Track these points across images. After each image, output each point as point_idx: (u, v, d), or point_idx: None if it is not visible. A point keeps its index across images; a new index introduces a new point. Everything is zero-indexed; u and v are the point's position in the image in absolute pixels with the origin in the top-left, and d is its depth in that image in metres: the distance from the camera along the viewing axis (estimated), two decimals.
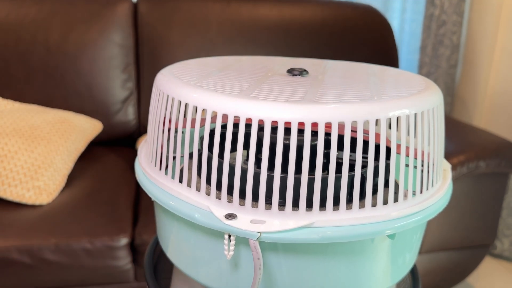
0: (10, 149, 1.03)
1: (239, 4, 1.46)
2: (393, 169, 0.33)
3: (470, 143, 1.22)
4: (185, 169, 0.35)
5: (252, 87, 0.36)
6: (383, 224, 0.33)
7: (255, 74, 0.41)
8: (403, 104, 0.33)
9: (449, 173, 0.41)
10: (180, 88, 0.36)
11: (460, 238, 1.23)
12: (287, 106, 0.31)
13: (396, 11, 1.76)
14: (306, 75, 0.40)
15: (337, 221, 0.32)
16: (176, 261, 0.39)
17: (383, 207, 0.33)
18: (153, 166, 0.39)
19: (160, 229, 0.42)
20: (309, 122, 0.31)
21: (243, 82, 0.38)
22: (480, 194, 1.20)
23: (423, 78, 0.41)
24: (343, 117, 0.31)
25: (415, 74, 0.42)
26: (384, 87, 0.37)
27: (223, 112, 0.32)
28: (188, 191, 0.35)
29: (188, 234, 0.36)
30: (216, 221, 0.33)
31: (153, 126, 0.39)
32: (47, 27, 1.33)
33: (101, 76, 1.35)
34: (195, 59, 0.47)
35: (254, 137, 0.32)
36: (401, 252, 0.37)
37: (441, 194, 0.37)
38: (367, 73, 0.43)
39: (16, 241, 0.92)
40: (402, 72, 0.44)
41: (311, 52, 1.45)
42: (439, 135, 0.37)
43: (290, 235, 0.32)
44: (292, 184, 0.32)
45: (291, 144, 0.31)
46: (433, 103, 0.36)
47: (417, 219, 0.34)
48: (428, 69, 1.66)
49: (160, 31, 1.40)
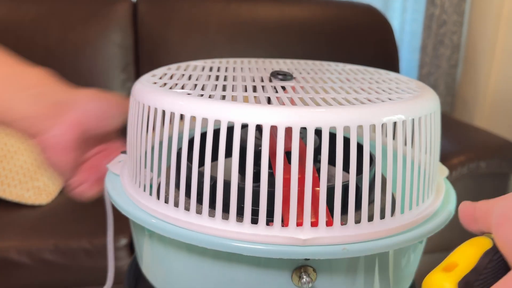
0: (9, 149, 1.03)
1: (239, 4, 1.46)
2: (390, 181, 0.31)
3: (470, 143, 1.21)
4: (193, 195, 0.31)
5: (229, 90, 0.34)
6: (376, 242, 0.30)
7: (238, 77, 0.39)
8: (399, 109, 0.31)
9: (443, 186, 0.38)
10: (152, 94, 0.33)
11: (461, 238, 1.22)
12: (272, 110, 0.29)
13: (396, 10, 1.76)
14: (291, 79, 0.37)
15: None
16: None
17: (368, 224, 0.30)
18: (152, 198, 0.33)
19: (152, 262, 0.37)
20: (298, 127, 0.28)
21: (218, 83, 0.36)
22: (480, 194, 1.20)
23: (419, 83, 0.40)
24: (334, 122, 0.28)
25: (411, 78, 0.41)
26: (378, 91, 0.35)
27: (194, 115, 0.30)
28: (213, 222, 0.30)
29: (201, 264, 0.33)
30: (296, 247, 0.29)
31: (140, 142, 0.35)
32: (47, 27, 1.33)
33: (101, 76, 1.35)
34: (176, 64, 0.45)
35: (251, 147, 0.29)
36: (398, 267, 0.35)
37: (436, 208, 0.34)
38: (361, 76, 0.41)
39: (16, 241, 0.92)
40: (398, 76, 0.42)
41: (311, 52, 1.45)
42: (435, 143, 0.35)
43: (372, 245, 0.29)
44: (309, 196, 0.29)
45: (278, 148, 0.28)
46: (431, 109, 0.33)
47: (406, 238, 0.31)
48: (429, 69, 1.66)
49: (160, 31, 1.40)
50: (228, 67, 0.43)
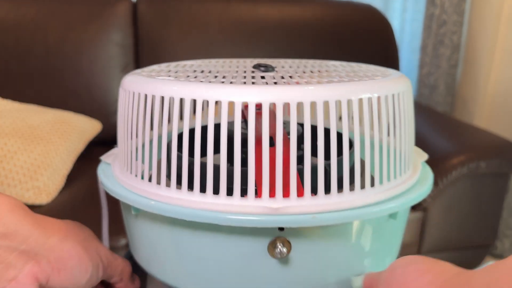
0: (9, 149, 1.03)
1: (239, 4, 1.46)
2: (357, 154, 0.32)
3: (470, 143, 1.21)
4: (185, 174, 0.33)
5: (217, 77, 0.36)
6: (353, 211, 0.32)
7: (221, 71, 0.41)
8: (367, 87, 0.33)
9: (419, 166, 0.40)
10: (143, 82, 0.35)
11: (461, 238, 1.22)
12: (259, 89, 0.31)
13: (396, 10, 1.76)
14: (272, 70, 0.40)
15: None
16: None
17: (337, 195, 0.32)
18: (152, 184, 0.34)
19: (140, 243, 0.38)
20: (281, 103, 0.30)
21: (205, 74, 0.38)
22: (480, 194, 1.20)
23: (398, 72, 0.41)
24: (305, 98, 0.30)
25: (392, 69, 0.42)
26: (351, 76, 0.37)
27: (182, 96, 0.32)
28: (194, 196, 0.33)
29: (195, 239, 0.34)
30: (269, 215, 0.31)
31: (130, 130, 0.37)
32: (46, 27, 1.33)
33: (101, 76, 1.35)
34: (167, 63, 0.46)
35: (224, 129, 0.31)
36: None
37: (409, 185, 0.36)
38: (342, 68, 0.43)
39: None
40: (378, 68, 0.44)
41: (311, 52, 1.45)
42: (406, 122, 0.36)
43: (336, 216, 0.31)
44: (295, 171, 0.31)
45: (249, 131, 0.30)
46: (399, 88, 0.35)
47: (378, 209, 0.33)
48: (429, 69, 1.66)
49: (160, 30, 1.40)
50: (217, 65, 0.45)
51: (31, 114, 1.17)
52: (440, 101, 1.67)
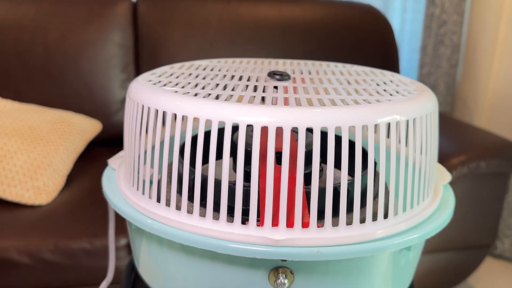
0: (9, 149, 1.03)
1: (239, 4, 1.46)
2: (383, 181, 0.30)
3: (470, 143, 1.21)
4: (184, 196, 0.31)
5: (229, 91, 0.34)
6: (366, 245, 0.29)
7: (236, 77, 0.38)
8: (394, 110, 0.30)
9: (440, 190, 0.36)
10: (150, 94, 0.33)
11: (461, 238, 1.22)
12: (265, 110, 0.28)
13: (396, 10, 1.76)
14: (288, 79, 0.37)
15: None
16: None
17: (346, 227, 0.29)
18: (152, 201, 0.33)
19: (148, 262, 0.37)
20: (289, 127, 0.28)
21: (216, 82, 0.36)
22: (480, 194, 1.20)
23: (416, 82, 0.38)
24: (326, 123, 0.28)
25: (407, 78, 0.40)
26: (372, 94, 0.34)
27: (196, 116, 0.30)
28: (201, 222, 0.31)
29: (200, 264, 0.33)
30: (271, 247, 0.28)
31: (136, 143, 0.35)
32: (46, 27, 1.32)
33: (101, 76, 1.35)
34: (179, 63, 0.45)
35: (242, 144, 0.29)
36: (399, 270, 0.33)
37: (431, 211, 0.33)
38: (361, 77, 0.40)
39: (15, 241, 0.92)
40: (400, 78, 0.41)
41: (311, 52, 1.45)
42: (432, 144, 0.34)
43: (348, 250, 0.28)
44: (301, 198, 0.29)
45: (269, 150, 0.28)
46: (428, 109, 0.33)
47: (400, 241, 0.30)
48: (429, 69, 1.66)
49: (160, 31, 1.40)
50: (232, 67, 0.43)
51: (31, 114, 1.17)
52: (440, 101, 1.67)
